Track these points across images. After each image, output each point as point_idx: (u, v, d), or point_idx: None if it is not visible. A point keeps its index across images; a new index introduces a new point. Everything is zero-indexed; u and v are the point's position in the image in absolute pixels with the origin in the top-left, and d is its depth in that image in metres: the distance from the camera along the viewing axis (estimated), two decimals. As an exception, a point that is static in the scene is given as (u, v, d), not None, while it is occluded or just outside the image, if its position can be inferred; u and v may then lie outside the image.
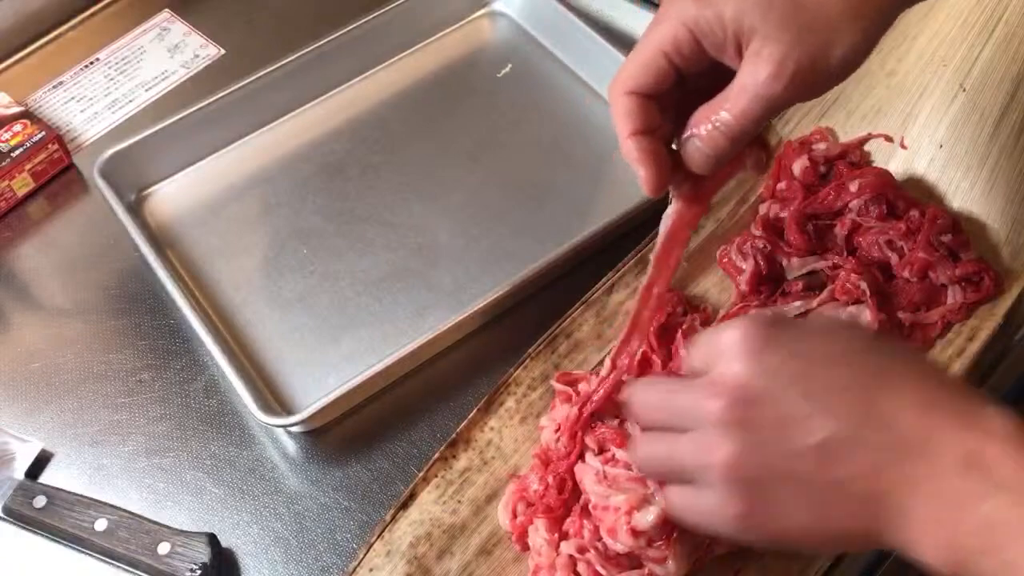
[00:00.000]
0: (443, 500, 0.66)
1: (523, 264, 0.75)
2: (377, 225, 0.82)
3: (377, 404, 0.73)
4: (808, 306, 0.69)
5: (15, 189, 0.85)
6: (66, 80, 0.96)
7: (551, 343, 0.72)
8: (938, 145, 0.77)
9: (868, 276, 0.69)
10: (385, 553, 0.64)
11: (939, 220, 0.71)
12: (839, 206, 0.73)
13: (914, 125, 0.78)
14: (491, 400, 0.69)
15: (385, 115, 0.90)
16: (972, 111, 0.77)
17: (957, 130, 0.77)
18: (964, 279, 0.70)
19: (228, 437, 0.72)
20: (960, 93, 0.78)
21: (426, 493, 0.66)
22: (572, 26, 0.90)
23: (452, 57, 0.94)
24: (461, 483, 0.66)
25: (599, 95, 0.89)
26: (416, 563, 0.63)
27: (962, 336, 0.70)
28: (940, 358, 0.69)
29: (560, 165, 0.86)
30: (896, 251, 0.71)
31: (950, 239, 0.71)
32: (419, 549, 0.64)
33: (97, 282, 0.81)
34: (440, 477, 0.66)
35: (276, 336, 0.77)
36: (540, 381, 0.70)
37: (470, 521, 0.65)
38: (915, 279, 0.70)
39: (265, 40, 0.97)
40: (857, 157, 0.77)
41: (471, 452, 0.67)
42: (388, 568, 0.63)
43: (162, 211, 0.85)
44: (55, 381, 0.76)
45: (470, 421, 0.68)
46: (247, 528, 0.68)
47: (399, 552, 0.64)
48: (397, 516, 0.65)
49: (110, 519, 0.66)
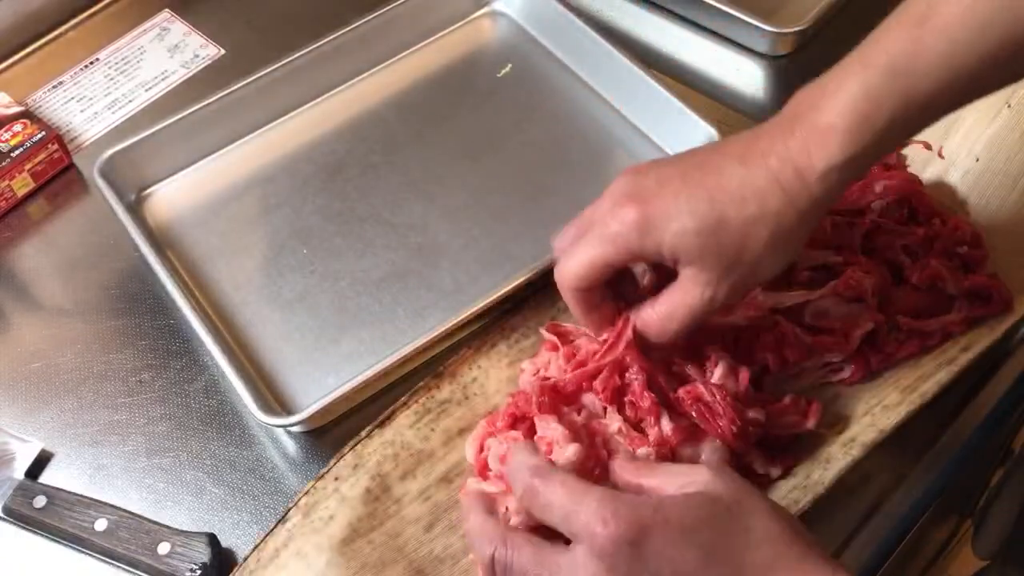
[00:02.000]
0: (418, 427, 0.68)
1: (523, 264, 0.75)
2: (377, 225, 0.82)
3: (377, 404, 0.73)
4: (809, 297, 0.69)
5: (15, 189, 0.85)
6: (66, 80, 0.96)
7: (552, 295, 0.72)
8: (975, 159, 0.78)
9: (876, 277, 0.69)
10: (352, 466, 0.66)
11: (959, 231, 0.71)
12: (862, 205, 0.73)
13: (955, 136, 0.79)
14: (484, 341, 0.72)
15: (385, 115, 0.90)
16: (1014, 129, 0.78)
17: (996, 146, 0.78)
18: (973, 293, 0.70)
19: (228, 437, 0.72)
20: (1005, 109, 0.78)
21: (403, 417, 0.68)
22: (572, 26, 0.90)
23: (452, 57, 0.94)
24: (438, 413, 0.69)
25: (599, 95, 0.89)
26: (379, 480, 0.66)
27: (957, 346, 0.69)
28: (929, 365, 0.69)
29: (560, 165, 0.86)
30: (911, 256, 0.71)
31: (966, 251, 0.71)
32: (384, 467, 0.66)
33: (97, 282, 0.81)
34: (420, 404, 0.69)
35: (276, 336, 0.77)
36: (534, 330, 0.72)
37: (438, 450, 0.68)
38: (923, 286, 0.70)
39: (265, 40, 0.97)
40: (893, 160, 0.77)
41: (454, 385, 0.70)
42: (352, 480, 0.66)
43: (162, 211, 0.85)
44: (55, 381, 0.76)
45: (460, 357, 0.71)
46: (247, 528, 0.68)
47: (364, 467, 0.66)
48: (372, 434, 0.68)
49: (110, 519, 0.66)
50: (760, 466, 0.64)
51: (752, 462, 0.64)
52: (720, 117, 0.83)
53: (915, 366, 0.69)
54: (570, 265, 0.62)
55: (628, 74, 0.86)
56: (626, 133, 0.87)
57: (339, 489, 0.66)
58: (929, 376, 0.68)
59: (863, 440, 0.66)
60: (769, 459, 0.64)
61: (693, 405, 0.63)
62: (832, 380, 0.69)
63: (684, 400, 0.63)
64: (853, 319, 0.68)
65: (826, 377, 0.69)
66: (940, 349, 0.69)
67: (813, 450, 0.66)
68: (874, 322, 0.68)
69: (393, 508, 0.66)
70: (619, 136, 0.87)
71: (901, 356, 0.69)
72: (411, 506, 0.66)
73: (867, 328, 0.68)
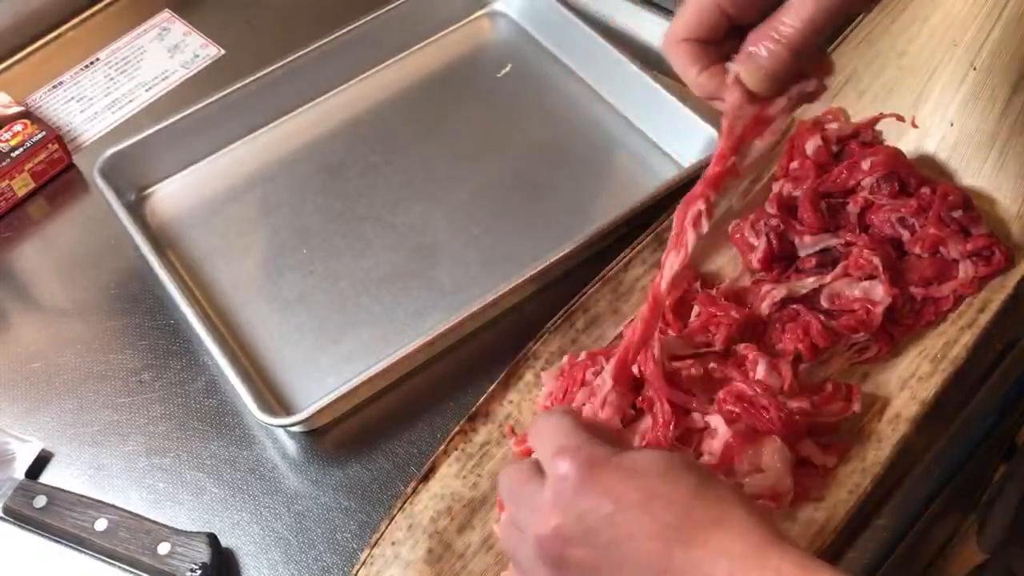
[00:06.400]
0: (463, 474, 0.67)
1: (523, 264, 0.75)
2: (377, 225, 0.82)
3: (377, 404, 0.73)
4: (822, 282, 0.71)
5: (15, 189, 0.85)
6: (66, 80, 0.96)
7: (569, 318, 0.73)
8: (949, 124, 0.79)
9: (881, 252, 0.71)
10: (407, 527, 0.64)
11: (950, 197, 0.73)
12: (851, 184, 0.74)
13: (925, 105, 0.80)
14: (510, 374, 0.71)
15: (385, 115, 0.90)
16: (982, 90, 0.78)
17: (968, 109, 0.78)
18: (975, 254, 0.71)
19: (228, 437, 0.72)
20: (971, 73, 0.79)
21: (446, 467, 0.67)
22: (572, 26, 0.90)
23: (452, 57, 0.94)
24: (480, 456, 0.67)
25: (599, 95, 0.89)
26: (437, 537, 0.64)
27: (973, 308, 0.71)
28: (951, 331, 0.70)
29: (560, 165, 0.86)
30: (908, 228, 0.72)
31: (961, 215, 0.72)
32: (440, 523, 0.65)
33: (97, 282, 0.81)
34: (460, 450, 0.67)
35: (276, 336, 0.77)
36: (558, 355, 0.71)
37: (490, 495, 0.66)
38: (927, 255, 0.72)
39: (265, 40, 0.97)
40: (869, 136, 0.78)
41: (490, 425, 0.69)
42: (410, 543, 0.64)
43: (162, 211, 0.85)
44: (55, 381, 0.76)
45: (489, 395, 0.70)
46: (247, 528, 0.68)
47: (420, 527, 0.64)
48: (418, 489, 0.66)
49: (110, 519, 0.66)
50: (817, 458, 0.65)
51: (809, 456, 0.65)
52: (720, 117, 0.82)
53: (939, 335, 0.70)
54: (679, 16, 0.55)
55: (628, 74, 0.86)
56: (626, 133, 0.87)
57: (400, 555, 0.64)
58: (955, 341, 0.69)
59: (907, 415, 0.67)
60: (823, 448, 0.65)
61: (736, 404, 0.64)
62: (860, 360, 0.70)
63: (725, 401, 0.64)
64: (870, 297, 0.69)
65: (854, 358, 0.70)
66: (957, 313, 0.71)
67: (859, 433, 0.67)
68: (891, 296, 0.69)
69: (459, 565, 0.64)
70: (619, 136, 0.87)
71: (920, 325, 0.70)
72: (476, 558, 0.64)
73: (886, 303, 0.69)
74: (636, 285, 0.75)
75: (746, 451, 0.63)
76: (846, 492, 0.64)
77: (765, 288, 0.71)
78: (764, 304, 0.70)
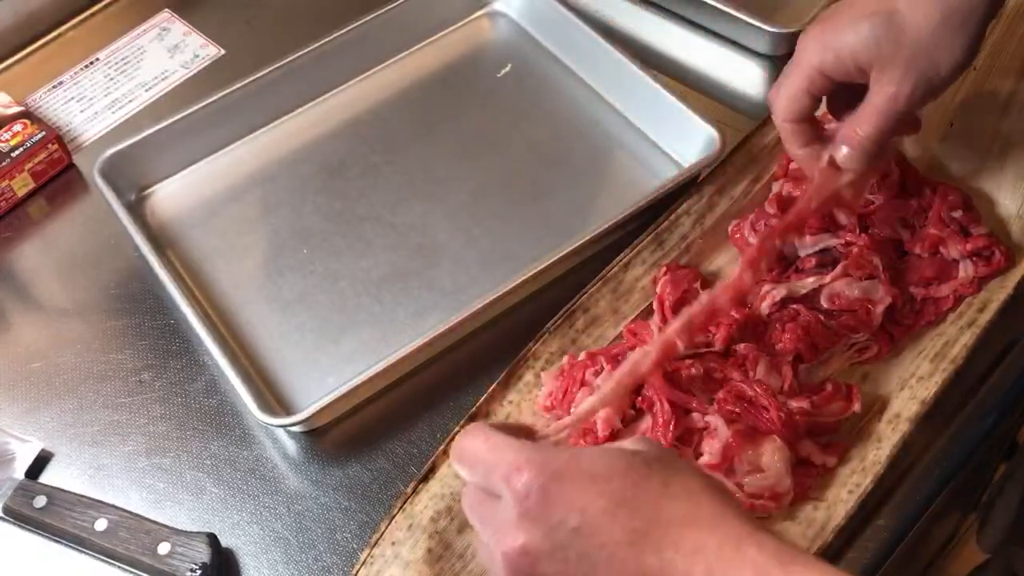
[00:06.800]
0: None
1: (523, 264, 0.75)
2: (377, 225, 0.82)
3: (377, 404, 0.73)
4: (821, 282, 0.71)
5: (15, 189, 0.85)
6: (66, 80, 0.96)
7: (569, 318, 0.73)
8: (948, 124, 0.79)
9: (882, 252, 0.71)
10: (407, 527, 0.64)
11: (950, 197, 0.73)
12: None
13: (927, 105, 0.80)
14: (510, 374, 0.70)
15: (385, 115, 0.90)
16: (982, 90, 0.79)
17: (968, 109, 0.79)
18: (975, 254, 0.72)
19: (228, 437, 0.72)
20: (971, 73, 0.79)
21: (446, 467, 0.66)
22: (572, 26, 0.90)
23: (452, 57, 0.94)
24: None
25: (599, 95, 0.90)
26: (437, 537, 0.64)
27: (973, 308, 0.71)
28: (951, 331, 0.70)
29: (560, 165, 0.86)
30: (909, 228, 0.73)
31: (961, 215, 0.72)
32: (440, 523, 0.65)
33: (97, 282, 0.81)
34: None
35: (276, 336, 0.77)
36: (558, 355, 0.71)
37: None
38: (927, 255, 0.72)
39: (265, 40, 0.97)
40: None
41: None
42: (410, 543, 0.64)
43: (162, 211, 0.85)
44: (55, 381, 0.76)
45: (489, 395, 0.69)
46: (247, 528, 0.68)
47: (420, 527, 0.64)
48: (418, 489, 0.66)
49: (110, 519, 0.66)
50: (817, 457, 0.65)
51: (809, 455, 0.65)
52: (720, 117, 0.83)
53: (939, 335, 0.70)
54: (776, 101, 0.67)
55: (628, 74, 0.86)
56: (626, 133, 0.87)
57: (400, 554, 0.64)
58: (955, 341, 0.69)
59: (907, 415, 0.67)
60: (823, 448, 0.65)
61: (736, 404, 0.64)
62: (860, 360, 0.70)
63: (725, 401, 0.64)
64: (870, 297, 0.70)
65: (854, 358, 0.70)
66: (957, 313, 0.71)
67: (859, 433, 0.67)
68: (891, 296, 0.69)
69: (459, 565, 0.64)
70: (619, 136, 0.87)
71: (920, 325, 0.71)
72: (476, 558, 0.64)
73: (886, 303, 0.69)
74: (636, 285, 0.75)
75: (746, 451, 0.63)
76: (846, 492, 0.64)
77: (765, 288, 0.71)
78: (764, 304, 0.70)
